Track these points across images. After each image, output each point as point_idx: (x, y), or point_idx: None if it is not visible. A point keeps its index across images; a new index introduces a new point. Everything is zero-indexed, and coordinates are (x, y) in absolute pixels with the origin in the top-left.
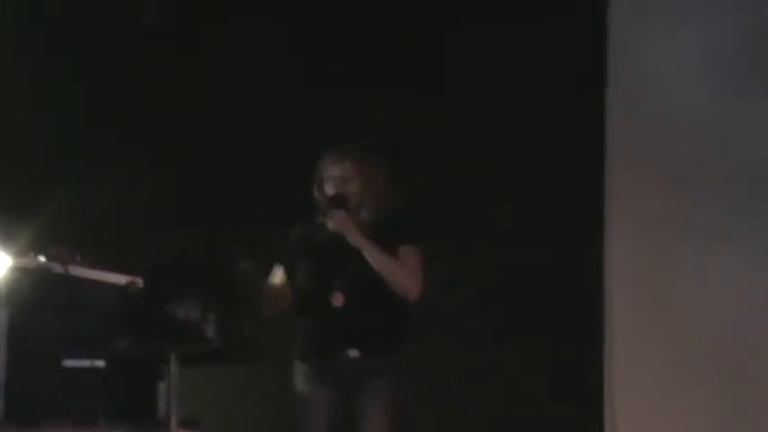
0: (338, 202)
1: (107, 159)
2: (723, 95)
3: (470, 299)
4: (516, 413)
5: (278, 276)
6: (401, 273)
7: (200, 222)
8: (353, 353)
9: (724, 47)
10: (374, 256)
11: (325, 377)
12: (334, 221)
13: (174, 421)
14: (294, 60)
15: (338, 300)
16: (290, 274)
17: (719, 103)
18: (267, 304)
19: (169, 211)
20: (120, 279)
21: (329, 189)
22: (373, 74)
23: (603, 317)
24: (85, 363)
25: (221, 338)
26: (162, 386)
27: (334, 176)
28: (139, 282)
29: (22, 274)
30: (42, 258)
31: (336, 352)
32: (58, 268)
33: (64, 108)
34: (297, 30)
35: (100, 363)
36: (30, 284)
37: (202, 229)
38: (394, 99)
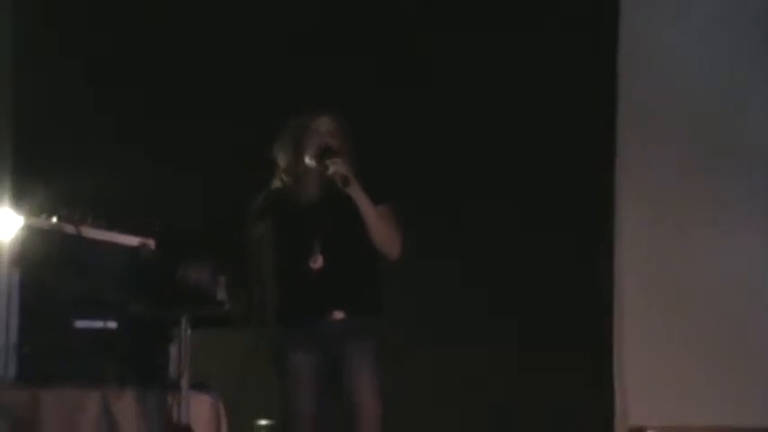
0: (332, 151)
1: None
2: (734, 76)
3: (475, 290)
4: (518, 408)
5: None
6: (389, 230)
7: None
8: (338, 314)
9: (737, 26)
10: (369, 211)
11: (310, 341)
12: (336, 167)
13: (184, 383)
14: (294, 60)
15: (317, 262)
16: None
17: (731, 84)
18: None
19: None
20: (132, 241)
21: (316, 141)
22: (373, 73)
23: (613, 300)
24: (97, 324)
25: (232, 301)
26: (173, 348)
27: (320, 130)
28: (151, 244)
29: (34, 235)
30: (55, 219)
31: (321, 315)
32: (70, 229)
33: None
34: (297, 29)
35: (111, 324)
36: (42, 245)
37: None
38: (393, 98)
